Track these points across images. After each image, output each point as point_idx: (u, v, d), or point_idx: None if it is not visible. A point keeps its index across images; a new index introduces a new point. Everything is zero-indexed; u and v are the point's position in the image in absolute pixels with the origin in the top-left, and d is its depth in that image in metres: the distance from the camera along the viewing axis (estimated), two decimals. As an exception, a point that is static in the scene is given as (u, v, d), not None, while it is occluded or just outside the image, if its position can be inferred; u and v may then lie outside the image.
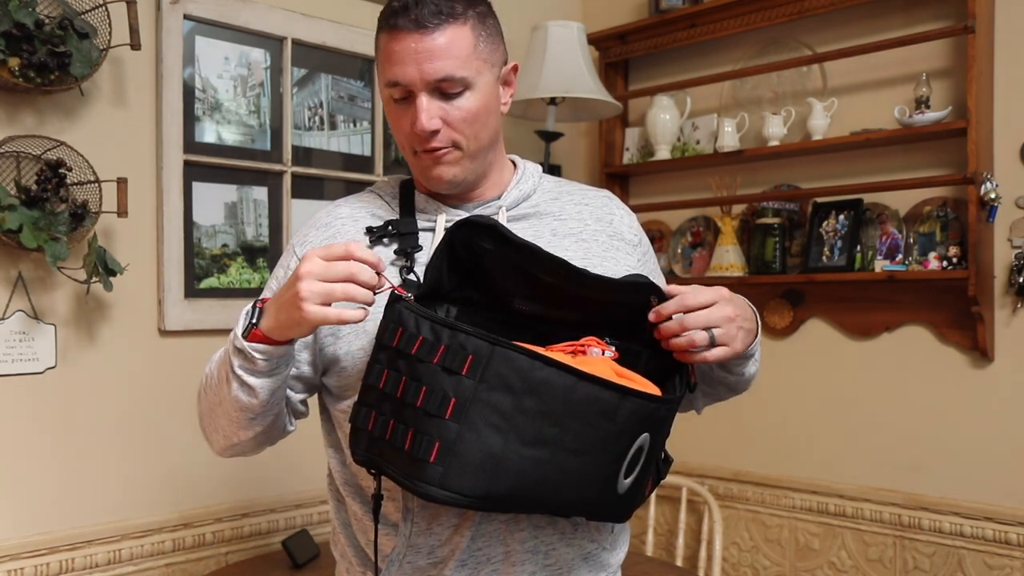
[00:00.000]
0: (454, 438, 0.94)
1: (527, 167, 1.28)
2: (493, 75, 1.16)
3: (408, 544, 1.13)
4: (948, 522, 2.37)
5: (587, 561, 1.19)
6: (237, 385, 1.09)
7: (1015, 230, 2.27)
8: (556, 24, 2.64)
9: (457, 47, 1.10)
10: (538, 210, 1.24)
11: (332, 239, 1.21)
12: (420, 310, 1.00)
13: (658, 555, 2.90)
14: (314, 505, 2.33)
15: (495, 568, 1.13)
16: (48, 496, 1.91)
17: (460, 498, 0.95)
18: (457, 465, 0.94)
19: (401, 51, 1.10)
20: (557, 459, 0.98)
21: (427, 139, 1.13)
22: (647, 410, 1.02)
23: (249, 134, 2.25)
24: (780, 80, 2.73)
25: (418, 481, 0.95)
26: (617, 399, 0.99)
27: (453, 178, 1.16)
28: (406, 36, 1.10)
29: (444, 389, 0.95)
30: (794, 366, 2.68)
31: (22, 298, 1.87)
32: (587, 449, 0.99)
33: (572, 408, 0.97)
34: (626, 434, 1.01)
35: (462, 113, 1.12)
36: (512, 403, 0.95)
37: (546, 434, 0.97)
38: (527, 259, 1.06)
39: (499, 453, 0.95)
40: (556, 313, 1.11)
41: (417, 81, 1.10)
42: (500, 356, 0.95)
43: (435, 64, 1.09)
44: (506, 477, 0.96)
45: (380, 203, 1.25)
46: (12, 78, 1.75)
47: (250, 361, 1.06)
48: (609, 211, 1.30)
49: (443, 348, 0.96)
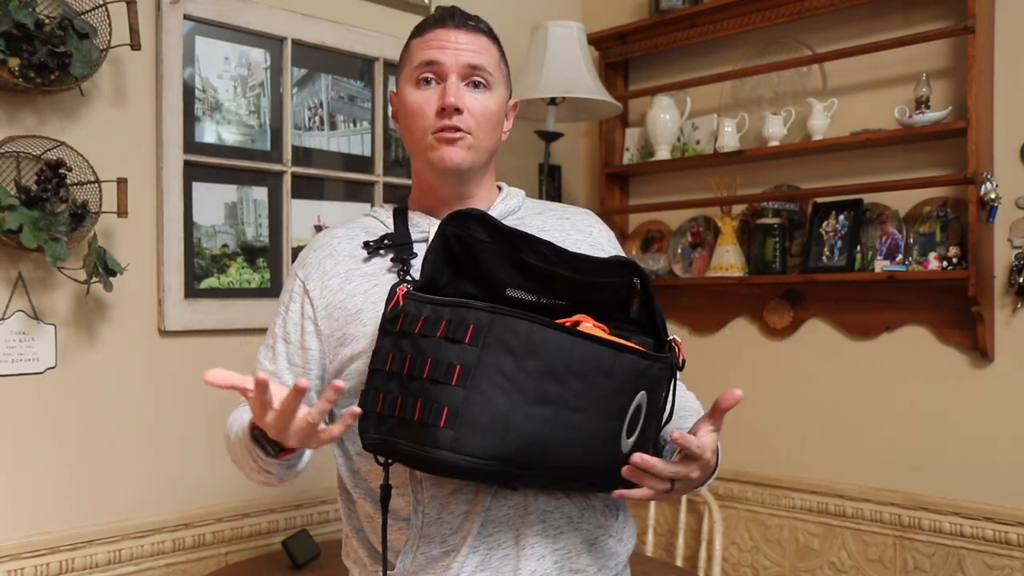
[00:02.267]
0: (461, 402, 0.99)
1: (511, 190, 1.37)
2: (505, 95, 1.30)
3: (421, 535, 1.16)
4: (948, 522, 2.37)
5: (594, 547, 1.22)
6: (276, 479, 1.19)
7: (1015, 230, 2.27)
8: (556, 24, 2.64)
9: (489, 52, 1.26)
10: (523, 223, 1.31)
11: (330, 256, 1.28)
12: (420, 296, 1.05)
13: (658, 555, 2.90)
14: (314, 505, 2.33)
15: (506, 553, 1.16)
16: (48, 496, 1.91)
17: (472, 460, 0.99)
18: (466, 428, 0.99)
19: (443, 38, 1.23)
20: (561, 416, 1.03)
21: (451, 114, 1.21)
22: (642, 366, 1.09)
23: (249, 134, 2.25)
24: (780, 80, 2.73)
25: (430, 448, 0.99)
26: (613, 355, 1.06)
27: (461, 162, 1.23)
28: (451, 31, 1.24)
29: (448, 358, 1.00)
30: (794, 366, 2.68)
31: (22, 298, 1.87)
32: (588, 406, 1.05)
33: (572, 365, 1.03)
34: (624, 391, 1.07)
35: (481, 107, 1.23)
36: (514, 364, 1.01)
37: (549, 392, 1.02)
38: (518, 244, 1.11)
39: (506, 413, 1.00)
40: (547, 300, 1.16)
41: (453, 63, 1.22)
42: (500, 322, 1.01)
43: (472, 54, 1.23)
44: (514, 436, 1.00)
45: (375, 223, 1.32)
46: (12, 78, 1.75)
47: (287, 464, 1.15)
48: (588, 225, 1.38)
49: (445, 323, 1.02)
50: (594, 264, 1.14)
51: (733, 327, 2.83)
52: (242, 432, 1.17)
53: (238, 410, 1.28)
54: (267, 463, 1.14)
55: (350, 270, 1.25)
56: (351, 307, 1.22)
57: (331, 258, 1.27)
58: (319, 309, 1.24)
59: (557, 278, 1.13)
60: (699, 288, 2.87)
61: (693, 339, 2.91)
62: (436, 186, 1.28)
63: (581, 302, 1.15)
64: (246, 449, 1.16)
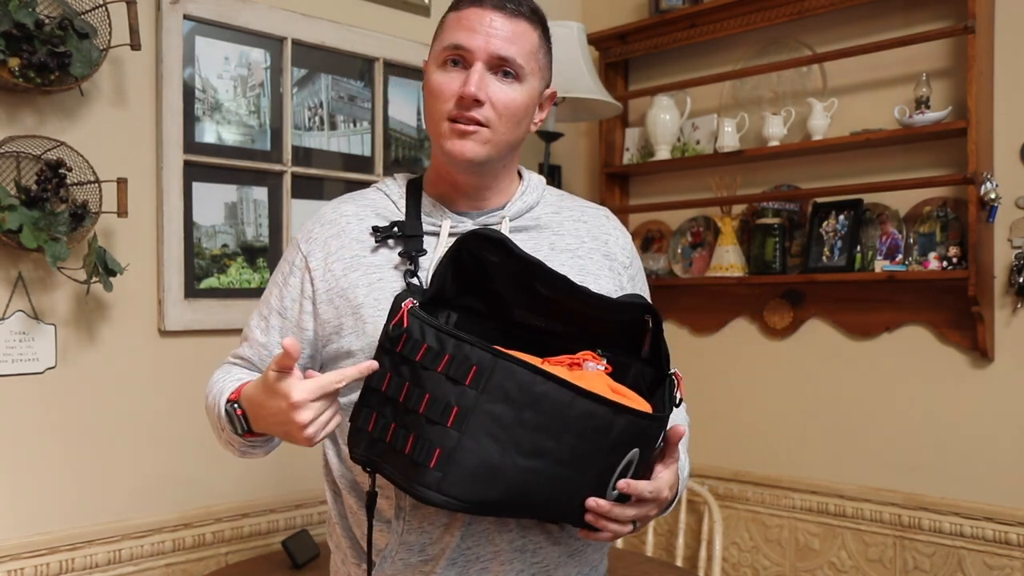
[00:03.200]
0: (454, 446, 0.98)
1: (532, 179, 1.31)
2: (540, 86, 1.22)
3: (400, 541, 1.16)
4: (948, 522, 2.37)
5: (573, 558, 1.21)
6: (240, 453, 1.21)
7: (1015, 230, 2.27)
8: (556, 24, 2.63)
9: (526, 39, 1.17)
10: (539, 223, 1.27)
11: (337, 237, 1.23)
12: (426, 318, 1.02)
13: (658, 555, 2.90)
14: (314, 505, 2.33)
15: (484, 566, 1.15)
16: (48, 496, 1.91)
17: (456, 503, 0.98)
18: (455, 472, 0.98)
19: (476, 20, 1.15)
20: (551, 470, 1.01)
21: (468, 106, 1.15)
22: (639, 426, 1.06)
23: (249, 134, 2.25)
24: (780, 80, 2.73)
25: (417, 485, 0.99)
26: (612, 415, 1.03)
27: (475, 156, 1.17)
28: (486, 11, 1.16)
29: (447, 398, 0.98)
30: (794, 366, 2.68)
31: (22, 298, 1.87)
32: (580, 462, 1.03)
33: (569, 422, 1.01)
34: (618, 449, 1.05)
35: (506, 99, 1.16)
36: (512, 415, 0.99)
37: (543, 447, 1.00)
38: (530, 273, 1.09)
39: (497, 462, 0.99)
40: (553, 325, 1.14)
41: (481, 49, 1.14)
42: (502, 369, 0.99)
43: (503, 43, 1.15)
44: (501, 486, 0.99)
45: (386, 202, 1.26)
46: (12, 78, 1.75)
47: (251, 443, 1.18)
48: (605, 231, 1.32)
49: (447, 357, 0.99)
50: (608, 304, 1.13)
51: (733, 327, 2.83)
52: (217, 403, 1.19)
53: (220, 372, 1.26)
54: (232, 438, 1.16)
55: (356, 256, 1.21)
56: (352, 298, 1.19)
57: (338, 238, 1.22)
58: (320, 292, 1.21)
59: (568, 306, 1.12)
60: (699, 288, 2.87)
61: (693, 339, 2.91)
62: (452, 173, 1.22)
63: (589, 328, 1.14)
64: (217, 419, 1.19)
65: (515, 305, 1.13)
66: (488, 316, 1.14)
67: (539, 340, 1.13)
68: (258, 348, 1.25)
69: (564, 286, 1.10)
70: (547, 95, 1.25)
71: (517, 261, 1.08)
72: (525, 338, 1.13)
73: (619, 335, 1.15)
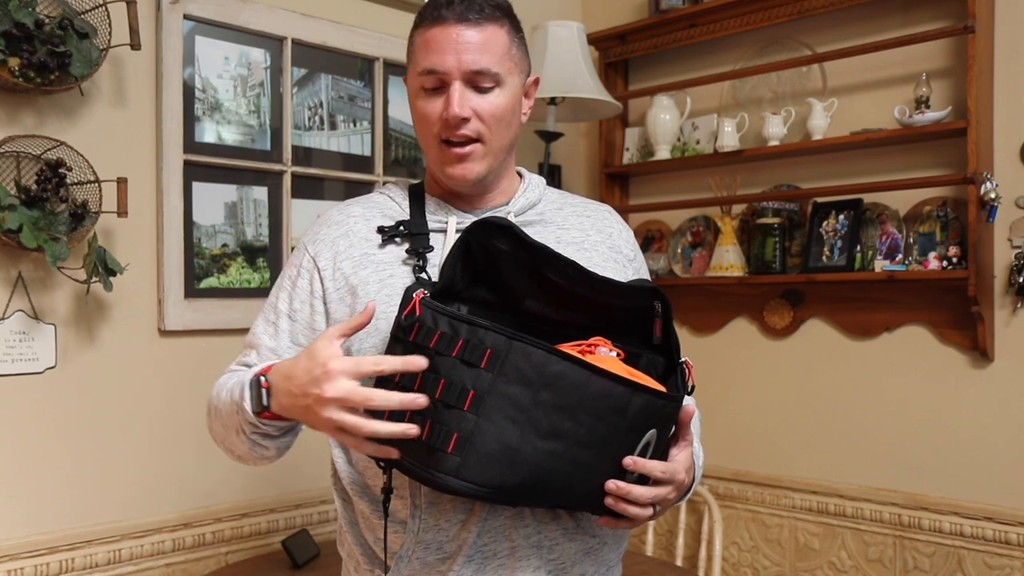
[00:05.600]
0: (472, 429, 0.97)
1: (532, 178, 1.32)
2: (520, 81, 1.22)
3: (417, 540, 1.15)
4: (948, 522, 2.37)
5: (589, 556, 1.21)
6: (250, 443, 1.15)
7: (1015, 230, 2.27)
8: (556, 24, 2.64)
9: (494, 44, 1.17)
10: (543, 218, 1.28)
11: (345, 236, 1.23)
12: (438, 306, 1.02)
13: (658, 555, 2.90)
14: (314, 505, 2.33)
15: (501, 563, 1.15)
16: (48, 496, 1.91)
17: (476, 488, 0.98)
18: (474, 456, 0.97)
19: (443, 40, 1.15)
20: (570, 452, 1.01)
21: (456, 126, 1.16)
22: (655, 406, 1.05)
23: (249, 134, 2.25)
24: (780, 80, 2.73)
25: (435, 471, 0.98)
26: (628, 394, 1.03)
27: (476, 176, 1.19)
28: (449, 27, 1.15)
29: (463, 381, 0.98)
30: (794, 366, 2.68)
31: (22, 298, 1.87)
32: (598, 443, 1.02)
33: (586, 402, 1.00)
34: (635, 429, 1.04)
35: (491, 108, 1.17)
36: (529, 396, 0.98)
37: (561, 427, 1.00)
38: (540, 260, 1.09)
39: (515, 445, 0.98)
40: (564, 315, 1.14)
41: (454, 69, 1.15)
42: (518, 350, 0.98)
43: (473, 56, 1.15)
44: (521, 469, 0.99)
45: (391, 204, 1.27)
46: (12, 78, 1.75)
47: (263, 431, 1.12)
48: (609, 225, 1.34)
49: (461, 342, 0.99)
50: (618, 288, 1.13)
51: (733, 327, 2.83)
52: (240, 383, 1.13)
53: (226, 376, 1.23)
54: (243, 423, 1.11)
55: (365, 254, 1.21)
56: (362, 295, 1.19)
57: (346, 238, 1.23)
58: (330, 291, 1.21)
59: (578, 294, 1.12)
60: (699, 288, 2.87)
61: (693, 339, 2.91)
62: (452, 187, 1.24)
63: (599, 318, 1.14)
64: (231, 402, 1.13)
65: (525, 296, 1.12)
66: (499, 307, 1.14)
67: (550, 331, 1.12)
68: (267, 353, 1.22)
69: (574, 271, 1.10)
70: (530, 83, 1.26)
71: (526, 248, 1.08)
72: (536, 329, 1.12)
73: (629, 325, 1.15)
